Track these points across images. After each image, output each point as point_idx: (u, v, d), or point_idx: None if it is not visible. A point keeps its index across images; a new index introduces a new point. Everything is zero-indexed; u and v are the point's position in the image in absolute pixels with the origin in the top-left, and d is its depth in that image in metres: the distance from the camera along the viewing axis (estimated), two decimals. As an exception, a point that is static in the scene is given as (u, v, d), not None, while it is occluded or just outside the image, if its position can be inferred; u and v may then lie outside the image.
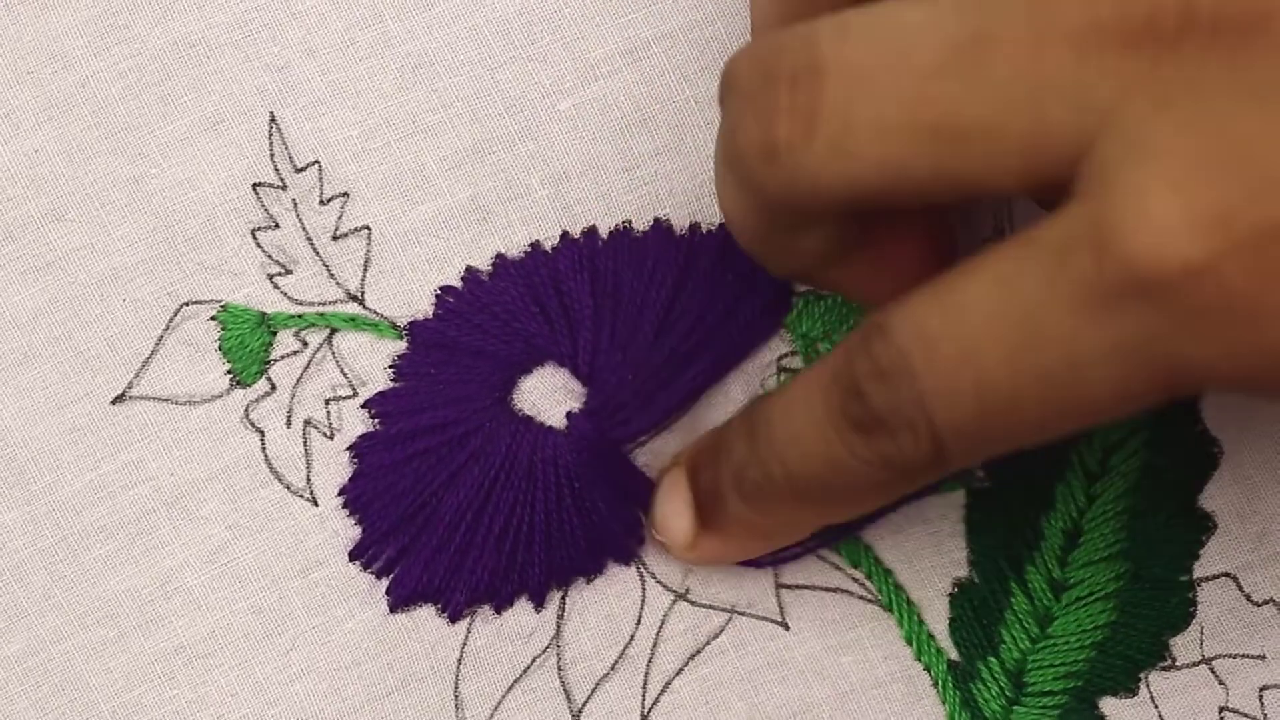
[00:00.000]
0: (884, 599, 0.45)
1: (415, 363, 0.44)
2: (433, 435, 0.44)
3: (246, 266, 0.44)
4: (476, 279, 0.44)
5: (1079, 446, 0.45)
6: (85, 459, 0.44)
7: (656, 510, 0.42)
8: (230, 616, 0.45)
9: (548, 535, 0.44)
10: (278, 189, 0.44)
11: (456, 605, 0.44)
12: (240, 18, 0.44)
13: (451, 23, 0.44)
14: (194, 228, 0.44)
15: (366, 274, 0.44)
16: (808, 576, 0.45)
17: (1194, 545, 0.45)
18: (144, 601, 0.45)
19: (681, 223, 0.45)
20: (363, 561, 0.45)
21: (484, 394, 0.44)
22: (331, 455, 0.45)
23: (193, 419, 0.44)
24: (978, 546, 0.45)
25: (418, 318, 0.44)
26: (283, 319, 0.45)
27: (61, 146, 0.44)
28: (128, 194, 0.44)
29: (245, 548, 0.45)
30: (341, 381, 0.45)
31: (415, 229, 0.44)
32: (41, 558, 0.44)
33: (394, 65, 0.44)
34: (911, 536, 0.45)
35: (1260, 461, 0.45)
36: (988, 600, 0.45)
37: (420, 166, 0.44)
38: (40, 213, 0.44)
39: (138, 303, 0.44)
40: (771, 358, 0.45)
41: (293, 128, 0.44)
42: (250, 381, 0.45)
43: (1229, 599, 0.45)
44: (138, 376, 0.44)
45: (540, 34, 0.44)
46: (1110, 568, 0.45)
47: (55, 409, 0.44)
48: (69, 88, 0.44)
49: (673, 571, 0.45)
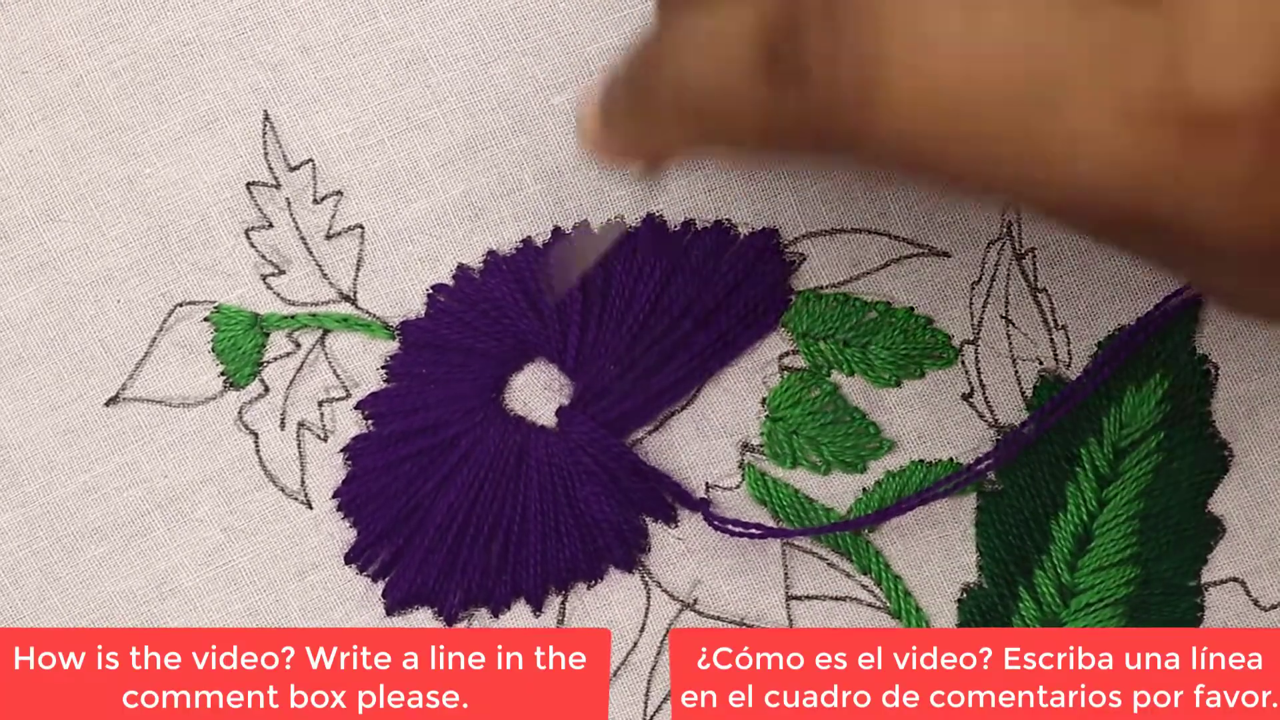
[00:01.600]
0: (893, 606, 0.44)
1: (407, 363, 0.44)
2: (425, 437, 0.44)
3: (240, 267, 0.44)
4: (468, 276, 0.44)
5: (1089, 449, 0.44)
6: (79, 461, 0.44)
7: (581, 102, 0.39)
8: (226, 619, 0.45)
9: (542, 536, 0.44)
10: (271, 188, 0.44)
11: (452, 608, 0.44)
12: (234, 16, 0.44)
13: (445, 18, 0.44)
14: (188, 227, 0.44)
15: (359, 273, 0.44)
16: (817, 586, 0.45)
17: (1203, 550, 0.44)
18: (139, 603, 0.45)
19: (674, 219, 0.44)
20: (358, 564, 0.45)
21: (476, 394, 0.44)
22: (326, 457, 0.45)
23: (187, 421, 0.44)
24: (987, 551, 0.44)
25: (410, 317, 0.44)
26: (276, 320, 0.44)
27: (56, 146, 0.44)
28: (122, 194, 0.44)
29: (241, 550, 0.45)
30: (335, 383, 0.44)
31: (408, 226, 0.44)
32: (36, 559, 0.45)
33: (387, 61, 0.44)
34: (922, 541, 0.44)
35: (1270, 466, 0.44)
36: (996, 606, 0.44)
37: (414, 163, 0.44)
38: (34, 213, 0.44)
39: (131, 304, 0.44)
40: (772, 355, 0.44)
41: (286, 126, 0.44)
42: (244, 383, 0.44)
43: (1237, 604, 0.44)
44: (131, 378, 0.44)
45: (534, 29, 0.44)
46: (1120, 573, 0.44)
47: (49, 410, 0.44)
48: (63, 87, 0.44)
49: (680, 581, 0.44)
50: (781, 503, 0.44)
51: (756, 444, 0.44)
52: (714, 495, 0.45)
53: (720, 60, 0.31)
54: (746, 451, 0.44)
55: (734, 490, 0.45)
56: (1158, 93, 0.27)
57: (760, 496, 0.44)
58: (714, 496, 0.45)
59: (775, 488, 0.44)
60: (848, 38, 0.29)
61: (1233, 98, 0.27)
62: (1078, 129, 0.28)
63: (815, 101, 0.29)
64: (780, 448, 0.44)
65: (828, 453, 0.44)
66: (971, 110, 0.28)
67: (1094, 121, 0.28)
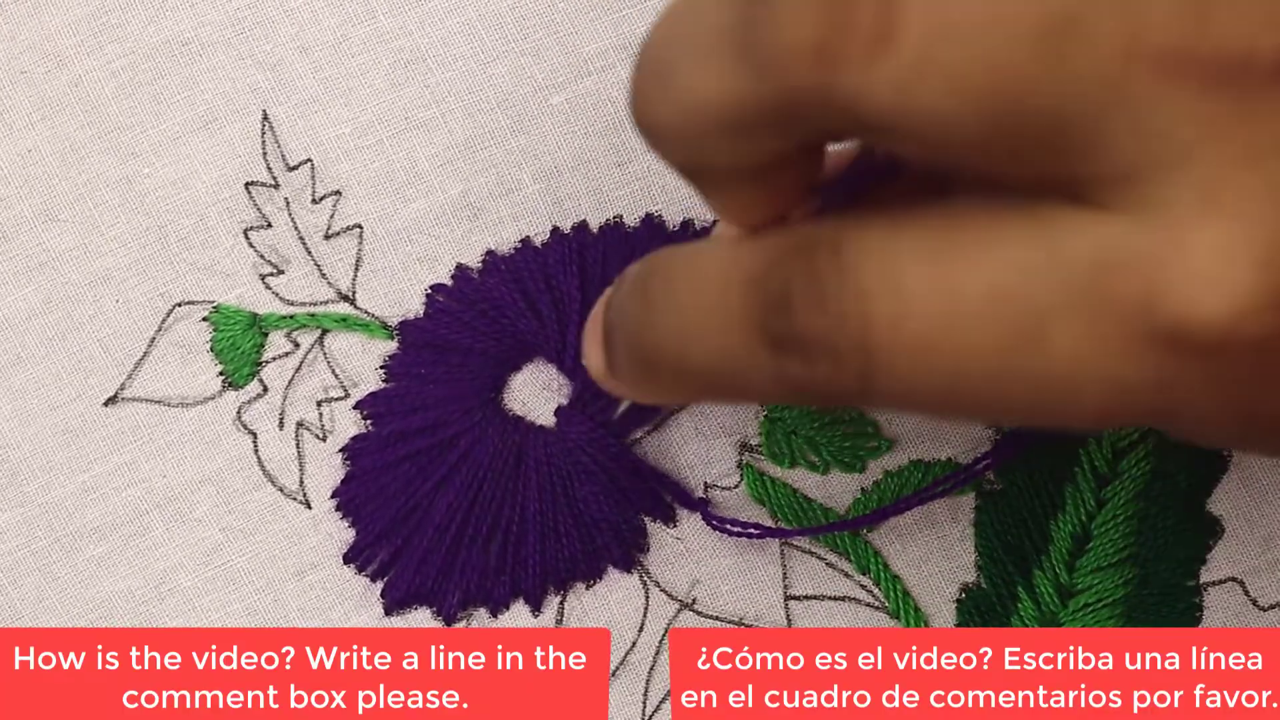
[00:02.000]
0: (891, 605, 0.44)
1: (406, 363, 0.44)
2: (423, 437, 0.44)
3: (239, 267, 0.44)
4: (466, 276, 0.44)
5: (1089, 449, 0.44)
6: (78, 461, 0.44)
7: (585, 337, 0.39)
8: (225, 619, 0.45)
9: (541, 537, 0.44)
10: (270, 188, 0.44)
11: (450, 607, 0.44)
12: (233, 16, 0.44)
13: (444, 18, 0.44)
14: (186, 227, 0.44)
15: (358, 273, 0.44)
16: (816, 586, 0.45)
17: (1201, 550, 0.44)
18: (138, 603, 0.45)
19: (673, 218, 0.44)
20: (357, 564, 0.44)
21: (474, 394, 0.44)
22: (324, 457, 0.44)
23: (185, 421, 0.44)
24: (986, 551, 0.44)
25: (408, 317, 0.44)
26: (274, 320, 0.44)
27: (54, 146, 0.44)
28: (120, 194, 0.44)
29: (239, 550, 0.45)
30: (333, 383, 0.44)
31: (407, 226, 0.44)
32: (35, 559, 0.44)
33: (386, 61, 0.44)
34: (920, 541, 0.44)
35: (1268, 466, 0.44)
36: (995, 606, 0.44)
37: (412, 163, 0.44)
38: (33, 213, 0.44)
39: (130, 303, 0.44)
40: (771, 357, 0.44)
41: (285, 126, 0.44)
42: (242, 383, 0.44)
43: (1235, 603, 0.44)
44: (130, 378, 0.44)
45: (533, 28, 0.44)
46: (1118, 573, 0.44)
47: (48, 410, 0.44)
48: (62, 87, 0.44)
49: (679, 581, 0.44)
50: (780, 502, 0.44)
51: (755, 444, 0.44)
52: (712, 495, 0.45)
53: (719, 336, 0.31)
54: (745, 451, 0.44)
55: (733, 490, 0.45)
56: (1142, 318, 0.27)
57: (759, 496, 0.44)
58: (712, 496, 0.45)
59: (774, 487, 0.44)
60: (834, 306, 0.29)
61: (1219, 321, 0.27)
62: (1067, 363, 0.28)
63: (819, 373, 0.30)
64: (779, 447, 0.44)
65: (826, 452, 0.44)
66: (964, 363, 0.29)
67: (1082, 353, 0.28)
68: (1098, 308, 0.27)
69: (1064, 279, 0.28)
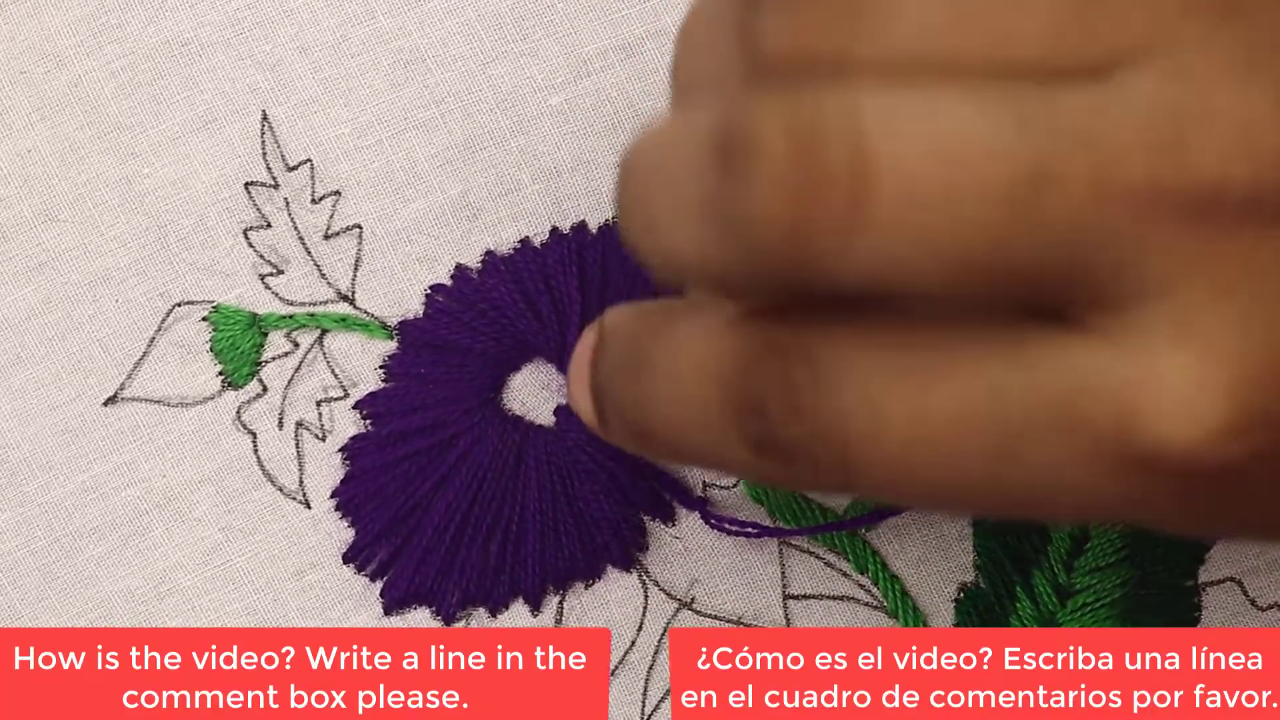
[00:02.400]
0: (890, 605, 0.44)
1: (405, 363, 0.44)
2: (423, 436, 0.44)
3: (238, 267, 0.44)
4: (466, 276, 0.44)
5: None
6: (77, 460, 0.44)
7: (570, 382, 0.39)
8: (224, 618, 0.45)
9: (540, 536, 0.44)
10: (270, 188, 0.44)
11: (450, 607, 0.44)
12: (232, 16, 0.44)
13: (444, 18, 0.44)
14: (186, 227, 0.44)
15: (357, 273, 0.44)
16: (814, 585, 0.45)
17: (1199, 549, 0.44)
18: (138, 603, 0.45)
19: (673, 219, 0.44)
20: (357, 564, 0.45)
21: (474, 393, 0.44)
22: (324, 457, 0.45)
23: (185, 421, 0.44)
24: (984, 551, 0.44)
25: (408, 317, 0.44)
26: (274, 320, 0.44)
27: (54, 146, 0.44)
28: (120, 194, 0.44)
29: (239, 550, 0.45)
30: (333, 383, 0.44)
31: (406, 227, 0.44)
32: (34, 559, 0.44)
33: (386, 62, 0.44)
34: (919, 540, 0.45)
35: (1267, 462, 0.44)
36: (993, 606, 0.44)
37: (412, 163, 0.44)
38: (32, 213, 0.44)
39: (130, 303, 0.44)
40: (770, 357, 0.44)
41: (285, 126, 0.44)
42: (242, 383, 0.44)
43: (1234, 603, 0.44)
44: (130, 378, 0.44)
45: (532, 29, 0.44)
46: (1116, 573, 0.44)
47: (47, 410, 0.44)
48: (61, 87, 0.44)
49: (677, 580, 0.45)
50: (779, 502, 0.44)
51: (754, 444, 0.44)
52: (712, 494, 0.45)
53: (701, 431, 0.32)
54: (744, 451, 0.44)
55: (732, 489, 0.45)
56: (1117, 440, 0.27)
57: (758, 495, 0.44)
58: (712, 495, 0.45)
59: (772, 487, 0.44)
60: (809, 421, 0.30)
61: (1191, 447, 0.27)
62: (1041, 478, 0.28)
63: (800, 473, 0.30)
64: (778, 447, 0.44)
65: (825, 452, 0.44)
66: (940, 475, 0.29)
67: (1056, 470, 0.28)
68: (1073, 430, 0.28)
69: (1039, 401, 0.28)
